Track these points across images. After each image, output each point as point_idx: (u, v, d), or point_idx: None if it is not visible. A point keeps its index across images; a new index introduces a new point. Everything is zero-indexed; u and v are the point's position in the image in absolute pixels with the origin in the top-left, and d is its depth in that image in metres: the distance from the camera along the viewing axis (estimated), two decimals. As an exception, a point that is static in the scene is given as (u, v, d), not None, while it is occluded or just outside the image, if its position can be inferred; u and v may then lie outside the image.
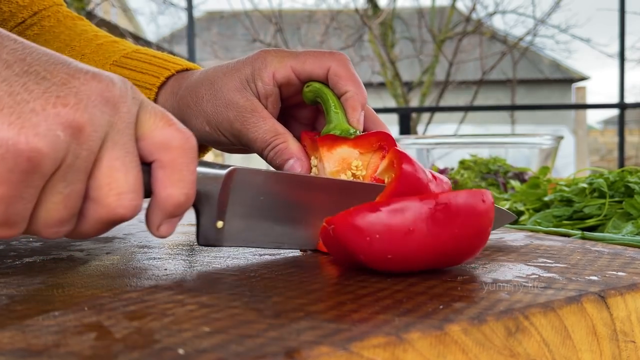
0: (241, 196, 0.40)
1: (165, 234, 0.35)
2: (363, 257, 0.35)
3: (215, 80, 0.52)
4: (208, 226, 0.39)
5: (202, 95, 0.52)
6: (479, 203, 0.36)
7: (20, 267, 0.39)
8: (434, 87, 7.14)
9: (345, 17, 7.59)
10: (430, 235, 0.34)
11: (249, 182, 0.40)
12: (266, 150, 0.50)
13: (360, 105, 0.49)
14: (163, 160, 0.33)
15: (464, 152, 1.06)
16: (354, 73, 0.50)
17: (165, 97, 0.56)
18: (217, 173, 0.38)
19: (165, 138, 0.33)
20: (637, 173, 0.68)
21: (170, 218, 0.35)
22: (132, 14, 10.44)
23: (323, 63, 0.50)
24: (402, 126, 3.45)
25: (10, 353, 0.23)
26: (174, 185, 0.33)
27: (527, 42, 7.49)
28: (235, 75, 0.51)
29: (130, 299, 0.31)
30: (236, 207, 0.40)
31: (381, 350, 0.24)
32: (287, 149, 0.49)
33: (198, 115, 0.53)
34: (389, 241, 0.34)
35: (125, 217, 0.33)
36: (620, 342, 0.32)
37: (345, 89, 0.49)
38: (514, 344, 0.28)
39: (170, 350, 0.23)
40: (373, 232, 0.34)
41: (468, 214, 0.35)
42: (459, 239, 0.35)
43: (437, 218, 0.34)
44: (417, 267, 0.36)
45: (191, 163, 0.34)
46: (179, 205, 0.34)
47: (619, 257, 0.43)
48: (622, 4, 4.12)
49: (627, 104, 3.96)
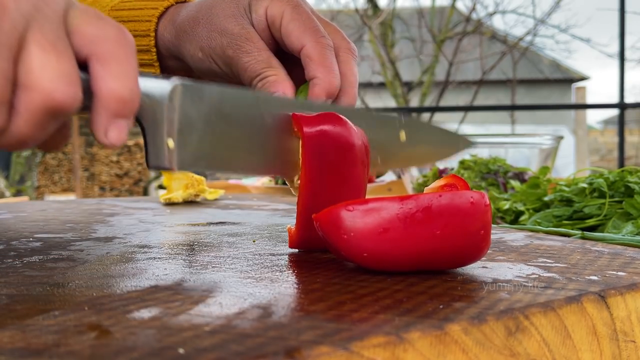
0: (191, 114, 0.36)
1: (114, 139, 0.32)
2: (344, 253, 0.36)
3: (213, 5, 0.50)
4: (157, 145, 0.36)
5: (198, 19, 0.50)
6: (467, 204, 0.35)
7: (20, 267, 0.39)
8: (434, 87, 7.14)
9: (345, 17, 7.59)
10: (408, 235, 0.35)
11: (199, 98, 0.37)
12: (255, 80, 0.48)
13: (324, 93, 0.47)
14: (99, 52, 0.31)
15: (463, 152, 1.06)
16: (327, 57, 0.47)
17: (164, 26, 0.55)
18: (162, 84, 0.35)
19: (99, 30, 0.31)
20: (637, 173, 0.68)
21: (116, 119, 0.32)
22: (132, 14, 10.41)
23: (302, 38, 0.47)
24: (402, 126, 3.45)
25: (10, 352, 0.23)
26: (115, 79, 0.31)
27: (527, 42, 7.49)
28: (233, 2, 0.50)
29: (130, 299, 0.31)
30: (188, 126, 0.36)
31: (381, 350, 0.24)
32: (277, 82, 0.47)
33: (192, 40, 0.51)
34: (364, 239, 0.35)
35: (64, 105, 0.30)
36: (620, 342, 0.32)
37: (314, 74, 0.47)
38: (514, 344, 0.28)
39: (170, 350, 0.23)
40: (349, 230, 0.35)
41: (453, 215, 0.35)
42: (443, 240, 0.35)
43: (416, 218, 0.35)
44: (399, 266, 0.36)
45: (131, 56, 0.31)
46: (123, 100, 0.31)
47: (619, 257, 0.43)
48: (622, 4, 4.12)
49: (627, 104, 3.96)
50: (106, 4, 0.60)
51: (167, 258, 0.43)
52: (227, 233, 0.55)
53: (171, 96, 0.35)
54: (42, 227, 0.59)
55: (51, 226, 0.59)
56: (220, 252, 0.45)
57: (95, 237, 0.53)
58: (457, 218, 0.35)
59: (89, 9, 0.32)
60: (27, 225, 0.61)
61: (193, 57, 0.51)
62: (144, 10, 0.55)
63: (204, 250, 0.46)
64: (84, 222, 0.63)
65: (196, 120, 0.37)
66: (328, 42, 0.48)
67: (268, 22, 0.48)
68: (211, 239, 0.51)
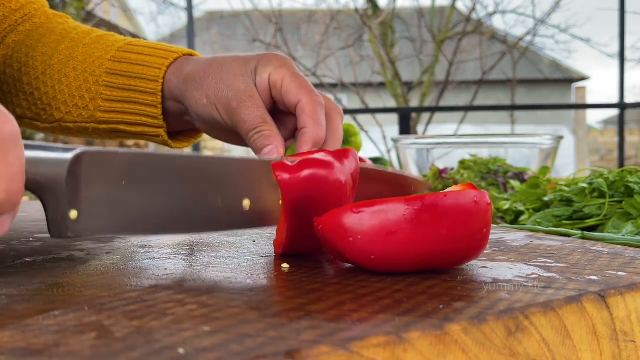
0: (97, 181, 0.36)
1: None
2: (349, 256, 0.36)
3: (225, 64, 0.56)
4: (58, 218, 0.35)
5: (209, 72, 0.56)
6: (471, 204, 0.36)
7: (20, 267, 0.39)
8: (434, 87, 7.14)
9: (345, 17, 7.59)
10: (414, 237, 0.35)
11: (105, 165, 0.36)
12: (252, 132, 0.53)
13: (311, 142, 0.52)
14: None
15: (464, 152, 1.06)
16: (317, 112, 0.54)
17: (172, 71, 0.59)
18: (60, 157, 0.34)
19: None
20: (637, 173, 0.68)
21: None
22: (132, 14, 10.44)
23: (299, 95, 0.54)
24: (402, 126, 3.45)
25: (10, 352, 0.23)
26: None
27: (527, 42, 7.49)
28: (242, 64, 0.56)
29: (130, 299, 0.31)
30: (93, 194, 0.35)
31: (381, 350, 0.24)
32: (271, 136, 0.52)
33: (200, 88, 0.56)
34: (371, 242, 0.35)
35: None
36: (620, 342, 0.32)
37: (304, 124, 0.53)
38: (514, 344, 0.28)
39: (170, 350, 0.23)
40: (355, 232, 0.35)
41: (458, 215, 0.35)
42: (449, 240, 0.35)
43: (422, 219, 0.34)
44: (405, 267, 0.36)
45: (8, 154, 0.30)
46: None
47: (619, 257, 0.43)
48: (622, 4, 4.12)
49: (627, 104, 3.96)
50: (112, 44, 0.63)
51: (167, 258, 0.43)
52: (227, 233, 0.55)
53: (72, 167, 0.35)
54: (42, 227, 0.59)
55: (51, 226, 0.59)
56: (220, 252, 0.45)
57: (95, 237, 0.53)
58: (462, 218, 0.35)
59: None
60: (27, 225, 0.61)
61: (197, 102, 0.56)
62: (153, 58, 0.60)
63: (204, 250, 0.46)
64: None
65: (104, 189, 0.36)
66: (320, 101, 0.54)
67: (270, 84, 0.55)
68: (211, 239, 0.52)
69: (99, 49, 0.62)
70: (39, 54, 0.64)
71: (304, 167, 0.40)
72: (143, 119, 0.61)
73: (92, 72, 0.61)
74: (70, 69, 0.62)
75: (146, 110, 0.60)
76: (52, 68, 0.63)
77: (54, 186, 0.34)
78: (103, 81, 0.61)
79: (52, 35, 0.65)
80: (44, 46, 0.64)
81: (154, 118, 0.60)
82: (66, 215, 0.35)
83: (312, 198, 0.40)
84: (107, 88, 0.61)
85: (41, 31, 0.66)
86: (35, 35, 0.66)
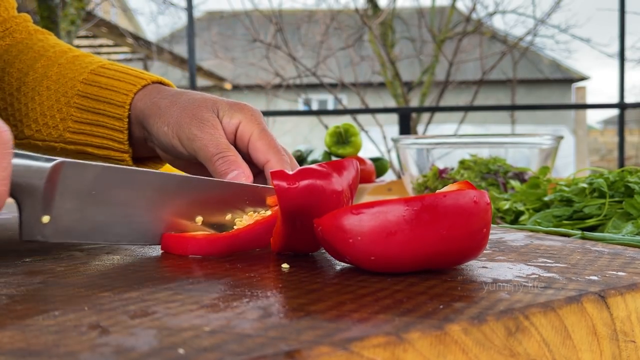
0: (71, 190, 0.39)
1: None
2: (349, 257, 0.36)
3: (194, 99, 0.57)
4: (31, 221, 0.38)
5: (176, 103, 0.57)
6: (470, 204, 0.35)
7: (20, 267, 0.39)
8: (434, 87, 7.13)
9: (345, 17, 7.59)
10: (415, 237, 0.34)
11: (80, 176, 0.39)
12: (215, 157, 0.52)
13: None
14: None
15: (464, 152, 1.06)
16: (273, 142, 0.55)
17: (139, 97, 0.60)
18: (41, 166, 0.37)
19: None
20: (637, 173, 0.68)
21: None
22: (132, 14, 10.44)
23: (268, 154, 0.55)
24: (402, 126, 3.45)
25: (10, 353, 0.23)
26: None
27: (527, 42, 7.49)
28: (212, 102, 0.57)
29: (130, 299, 0.31)
30: (65, 201, 0.39)
31: (381, 350, 0.24)
32: (236, 162, 0.52)
33: (162, 116, 0.56)
34: (371, 243, 0.35)
35: None
36: (620, 342, 0.32)
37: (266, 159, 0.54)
38: (514, 344, 0.28)
39: (170, 350, 0.23)
40: (355, 234, 0.35)
41: (457, 215, 0.35)
42: (449, 240, 0.35)
43: (422, 220, 0.34)
44: (405, 268, 0.36)
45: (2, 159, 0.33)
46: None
47: (619, 257, 0.43)
48: (622, 4, 4.12)
49: (627, 104, 3.96)
50: (85, 66, 0.63)
51: (167, 258, 0.43)
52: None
53: (50, 176, 0.38)
54: (42, 227, 0.59)
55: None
56: (220, 252, 0.45)
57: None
58: (462, 218, 0.35)
59: None
60: (27, 225, 0.61)
61: (159, 130, 0.57)
62: (122, 83, 0.61)
63: (204, 250, 0.46)
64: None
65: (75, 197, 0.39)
66: (287, 161, 0.55)
67: (237, 133, 0.56)
68: (211, 239, 0.51)
69: (73, 70, 0.63)
70: (15, 70, 0.65)
71: (302, 177, 0.40)
72: (109, 143, 0.61)
73: (64, 92, 0.62)
74: (43, 87, 0.63)
75: (112, 135, 0.61)
76: (27, 85, 0.64)
77: (32, 191, 0.37)
78: (74, 103, 0.62)
79: (30, 52, 0.66)
80: (20, 62, 0.65)
81: (120, 143, 0.61)
82: (39, 219, 0.38)
83: (308, 207, 0.40)
84: (77, 110, 0.62)
85: (20, 47, 0.67)
86: (13, 51, 0.67)
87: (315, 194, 0.40)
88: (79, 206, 0.39)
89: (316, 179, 0.40)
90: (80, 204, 0.39)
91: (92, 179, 0.40)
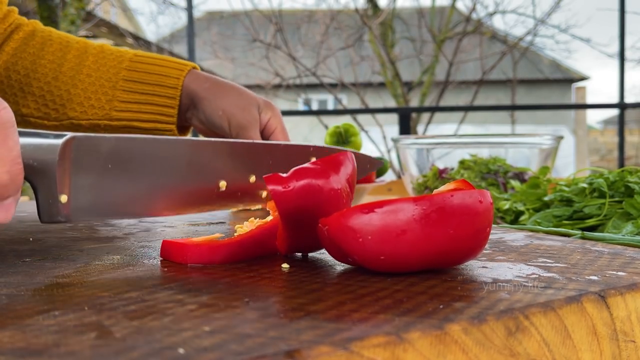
0: (86, 165, 0.37)
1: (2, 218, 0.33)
2: (357, 257, 0.36)
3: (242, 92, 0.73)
4: (49, 202, 0.36)
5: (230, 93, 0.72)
6: (476, 204, 0.36)
7: (20, 267, 0.39)
8: (434, 87, 7.13)
9: (345, 17, 7.59)
10: (424, 237, 0.34)
11: (94, 149, 0.37)
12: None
13: None
14: None
15: (464, 152, 1.06)
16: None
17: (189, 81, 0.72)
18: (51, 143, 0.36)
19: None
20: (637, 173, 0.68)
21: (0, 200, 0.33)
22: (132, 14, 10.44)
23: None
24: (402, 126, 3.45)
25: (10, 352, 0.23)
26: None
27: (527, 42, 7.49)
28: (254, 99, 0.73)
29: (130, 299, 0.31)
30: (82, 178, 0.37)
31: (381, 350, 0.24)
32: None
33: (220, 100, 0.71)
34: (382, 242, 0.34)
35: None
36: (620, 342, 0.32)
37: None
38: (514, 344, 0.28)
39: (170, 350, 0.23)
40: (365, 233, 0.34)
41: (464, 214, 0.35)
42: (456, 239, 0.35)
43: (431, 219, 0.34)
44: (412, 267, 0.36)
45: (8, 138, 0.32)
46: (3, 185, 0.32)
47: (619, 257, 0.43)
48: (622, 4, 4.12)
49: (627, 104, 3.96)
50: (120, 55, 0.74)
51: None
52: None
53: (62, 153, 0.36)
54: (42, 227, 0.59)
55: (51, 226, 0.59)
56: (220, 252, 0.45)
57: (95, 237, 0.53)
58: (469, 217, 0.35)
59: None
60: (27, 226, 0.61)
61: (214, 111, 0.71)
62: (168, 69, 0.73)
63: (204, 250, 0.46)
64: (84, 222, 0.63)
65: (92, 173, 0.37)
66: None
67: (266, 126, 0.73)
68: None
69: (111, 59, 0.73)
70: (46, 62, 0.73)
71: (297, 177, 0.39)
72: (158, 117, 0.72)
73: (108, 78, 0.72)
74: (84, 75, 0.72)
75: (162, 110, 0.72)
76: (64, 74, 0.73)
77: (46, 171, 0.35)
78: (120, 86, 0.72)
79: (53, 44, 0.74)
80: (49, 54, 0.73)
81: (169, 116, 0.73)
82: (57, 199, 0.36)
83: (308, 207, 0.40)
84: (123, 92, 0.72)
85: (38, 39, 0.74)
86: (34, 44, 0.74)
87: (313, 193, 0.39)
88: (97, 181, 0.37)
89: (311, 178, 0.40)
90: (98, 178, 0.37)
91: (107, 151, 0.38)
